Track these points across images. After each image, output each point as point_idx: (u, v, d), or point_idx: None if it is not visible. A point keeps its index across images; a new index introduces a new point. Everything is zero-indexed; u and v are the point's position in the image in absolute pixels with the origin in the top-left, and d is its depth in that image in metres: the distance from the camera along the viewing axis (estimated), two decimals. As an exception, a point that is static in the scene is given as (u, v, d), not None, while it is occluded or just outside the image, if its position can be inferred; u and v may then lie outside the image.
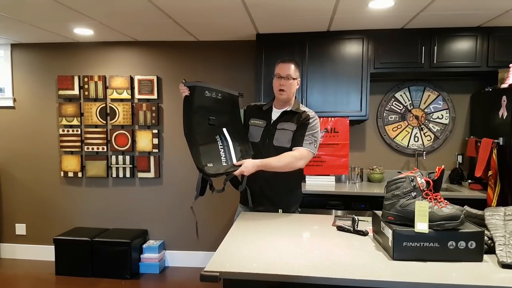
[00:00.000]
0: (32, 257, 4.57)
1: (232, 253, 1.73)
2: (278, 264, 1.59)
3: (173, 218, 4.45)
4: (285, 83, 2.53)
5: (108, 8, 3.13)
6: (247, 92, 4.22)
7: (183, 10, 3.15)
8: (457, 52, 3.62)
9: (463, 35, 3.61)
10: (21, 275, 4.11)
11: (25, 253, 4.59)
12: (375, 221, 1.92)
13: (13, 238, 4.63)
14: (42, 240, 4.55)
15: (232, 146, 2.40)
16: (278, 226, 2.21)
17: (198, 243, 4.37)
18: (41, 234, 4.56)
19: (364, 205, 3.49)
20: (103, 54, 4.39)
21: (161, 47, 4.32)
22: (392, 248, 1.62)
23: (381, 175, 3.98)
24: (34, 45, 4.44)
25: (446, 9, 3.11)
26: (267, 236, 2.00)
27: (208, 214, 4.38)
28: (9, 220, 4.63)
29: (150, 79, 4.29)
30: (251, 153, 2.47)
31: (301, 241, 1.93)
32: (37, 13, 3.26)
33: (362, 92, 3.74)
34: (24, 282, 3.95)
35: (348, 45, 3.74)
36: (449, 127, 4.03)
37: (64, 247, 4.08)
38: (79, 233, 4.20)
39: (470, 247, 1.59)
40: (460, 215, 1.60)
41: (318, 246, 1.84)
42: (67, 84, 4.37)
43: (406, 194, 1.72)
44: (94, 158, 4.43)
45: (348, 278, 1.46)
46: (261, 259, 1.66)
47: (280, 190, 2.57)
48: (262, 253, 1.73)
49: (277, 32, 3.80)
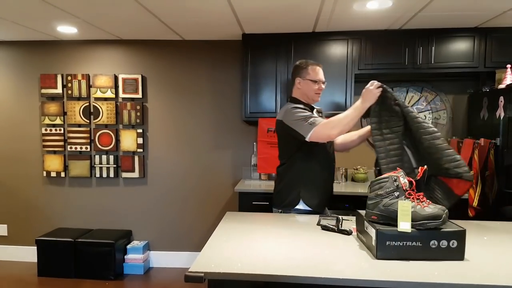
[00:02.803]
0: (14, 258, 4.49)
1: (217, 254, 1.72)
2: (263, 264, 1.60)
3: (157, 219, 4.42)
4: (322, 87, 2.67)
5: (92, 6, 3.09)
6: (233, 92, 4.24)
7: (169, 9, 3.13)
8: (454, 52, 3.66)
9: (460, 35, 3.65)
10: (2, 277, 4.03)
11: (6, 254, 4.51)
12: (359, 221, 1.93)
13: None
14: (24, 241, 4.47)
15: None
16: (263, 226, 2.22)
17: (183, 243, 4.36)
18: (23, 235, 4.49)
19: (348, 205, 3.52)
20: (87, 52, 4.33)
21: (146, 45, 4.29)
22: (376, 247, 1.64)
23: (365, 175, 4.02)
24: (17, 43, 4.36)
25: (443, 9, 3.14)
26: (252, 236, 2.00)
27: (193, 215, 4.37)
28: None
29: (134, 78, 4.25)
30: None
31: (286, 240, 1.94)
32: (20, 10, 3.20)
33: (346, 93, 3.77)
34: (6, 283, 3.87)
35: (333, 46, 3.77)
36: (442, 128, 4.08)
37: (47, 248, 4.01)
38: (62, 233, 4.14)
39: (451, 246, 1.62)
40: (442, 214, 1.63)
41: (303, 246, 1.84)
42: (50, 82, 4.30)
43: (389, 193, 1.74)
44: (78, 157, 4.37)
45: (332, 277, 1.47)
46: (246, 259, 1.66)
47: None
48: (247, 253, 1.73)
49: (263, 33, 3.81)
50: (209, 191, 4.37)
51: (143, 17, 3.36)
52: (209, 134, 4.33)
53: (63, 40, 4.31)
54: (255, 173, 4.16)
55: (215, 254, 1.72)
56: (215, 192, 4.38)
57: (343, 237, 1.98)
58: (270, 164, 3.93)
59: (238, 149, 4.31)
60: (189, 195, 4.39)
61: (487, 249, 1.79)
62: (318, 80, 2.63)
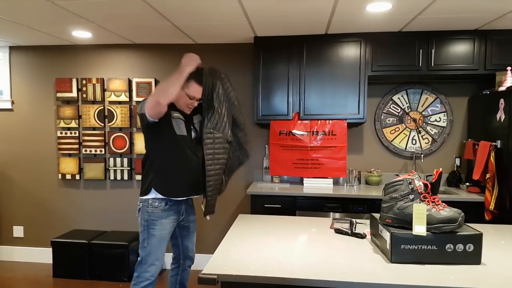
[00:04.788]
0: (30, 259, 4.56)
1: (230, 256, 1.73)
2: (276, 266, 1.59)
3: (171, 221, 4.43)
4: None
5: (107, 11, 3.13)
6: (245, 95, 4.24)
7: (182, 12, 3.16)
8: (454, 55, 3.63)
9: (460, 38, 3.62)
10: (19, 278, 4.09)
11: (22, 255, 4.58)
12: (373, 224, 1.92)
13: (11, 240, 4.61)
14: (39, 242, 4.54)
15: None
16: (276, 229, 2.21)
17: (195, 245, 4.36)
18: (38, 237, 4.55)
19: (362, 208, 3.50)
20: (101, 56, 4.39)
21: (159, 49, 4.32)
22: (390, 251, 1.62)
23: (379, 177, 3.99)
24: (33, 48, 4.44)
25: (443, 12, 3.12)
26: (265, 239, 2.00)
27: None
28: (7, 222, 4.62)
29: (148, 81, 4.29)
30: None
31: (299, 243, 1.93)
32: (36, 15, 3.25)
33: (360, 95, 3.74)
34: (22, 284, 3.93)
35: (345, 48, 3.75)
36: (447, 129, 4.04)
37: (62, 249, 4.06)
38: (77, 235, 4.19)
39: (468, 250, 1.59)
40: (458, 218, 1.61)
41: (316, 249, 1.83)
42: (65, 86, 4.37)
43: (404, 196, 1.73)
44: (92, 160, 4.42)
45: (346, 281, 1.46)
46: (259, 261, 1.66)
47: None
48: (260, 256, 1.73)
49: (275, 35, 3.81)
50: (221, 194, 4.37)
51: (156, 21, 3.40)
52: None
53: (78, 45, 4.37)
54: (267, 176, 4.16)
55: (228, 256, 1.72)
56: (227, 194, 4.37)
57: (357, 241, 1.97)
58: (282, 166, 3.93)
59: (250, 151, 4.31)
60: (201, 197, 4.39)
61: (505, 253, 1.76)
62: (193, 97, 2.56)
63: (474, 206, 3.35)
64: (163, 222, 2.53)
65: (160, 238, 2.54)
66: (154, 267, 2.55)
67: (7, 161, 4.56)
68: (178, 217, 2.65)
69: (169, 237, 2.65)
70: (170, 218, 2.57)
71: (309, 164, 3.89)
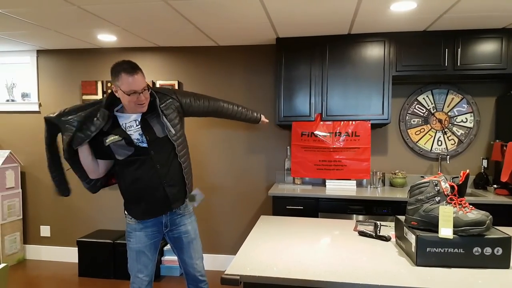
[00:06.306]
0: (56, 258, 4.69)
1: (252, 257, 1.73)
2: (299, 268, 1.59)
3: (193, 222, 4.47)
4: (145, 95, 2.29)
5: (131, 15, 3.19)
6: (267, 96, 4.24)
7: (204, 15, 3.18)
8: (481, 54, 3.54)
9: (487, 37, 3.54)
10: (46, 276, 4.20)
11: (49, 254, 4.71)
12: (398, 226, 1.89)
13: (38, 239, 4.75)
14: (65, 242, 4.66)
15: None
16: (298, 231, 2.20)
17: (217, 246, 4.39)
18: (65, 236, 4.67)
19: (386, 210, 3.45)
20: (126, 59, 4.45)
21: (182, 52, 4.37)
22: (416, 254, 1.60)
23: (403, 179, 3.92)
24: (59, 51, 4.55)
25: (469, 11, 3.06)
26: (288, 241, 2.00)
27: (227, 218, 4.39)
28: (34, 222, 4.75)
29: (171, 84, 4.34)
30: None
31: (322, 246, 1.92)
32: (63, 20, 3.34)
33: (384, 95, 3.69)
34: (48, 283, 4.03)
35: (369, 48, 3.71)
36: (474, 130, 3.94)
37: (87, 249, 4.15)
38: (102, 235, 4.27)
39: (496, 254, 1.55)
40: (486, 220, 1.57)
41: (340, 251, 1.82)
42: (91, 89, 4.46)
43: (430, 199, 1.69)
44: (117, 161, 4.49)
45: (370, 284, 1.44)
46: (281, 263, 1.65)
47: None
48: (283, 257, 1.72)
49: (297, 36, 3.80)
50: (243, 195, 4.39)
51: (179, 24, 3.43)
52: (243, 138, 4.35)
53: (103, 48, 4.46)
54: (288, 177, 4.15)
55: (250, 257, 1.73)
56: (249, 196, 4.39)
57: (381, 243, 1.94)
58: (304, 168, 3.91)
59: (272, 153, 4.31)
60: (224, 198, 4.42)
61: (536, 258, 1.71)
62: (131, 91, 2.20)
63: (503, 208, 3.26)
64: (137, 235, 2.35)
65: (136, 251, 2.36)
66: (139, 280, 2.37)
67: (35, 163, 4.68)
68: (160, 229, 2.40)
69: (152, 251, 2.41)
70: (146, 231, 2.36)
71: (332, 166, 3.86)
